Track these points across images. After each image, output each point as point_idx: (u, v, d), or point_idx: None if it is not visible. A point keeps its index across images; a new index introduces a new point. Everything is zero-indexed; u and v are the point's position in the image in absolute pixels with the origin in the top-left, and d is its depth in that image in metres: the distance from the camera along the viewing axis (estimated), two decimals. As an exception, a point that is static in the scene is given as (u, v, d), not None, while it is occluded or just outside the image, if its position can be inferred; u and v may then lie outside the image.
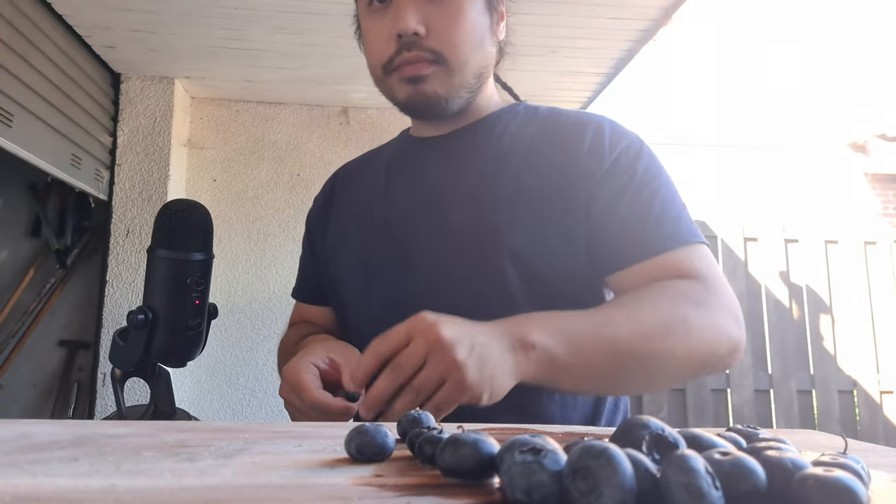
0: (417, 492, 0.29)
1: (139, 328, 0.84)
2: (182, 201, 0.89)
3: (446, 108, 0.82)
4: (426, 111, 0.84)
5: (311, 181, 3.02)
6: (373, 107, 3.07)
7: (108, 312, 2.61)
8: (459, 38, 0.79)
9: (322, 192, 1.04)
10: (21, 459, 0.32)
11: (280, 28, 2.30)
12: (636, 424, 0.30)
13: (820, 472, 0.25)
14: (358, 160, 1.03)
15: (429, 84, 0.80)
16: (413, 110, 0.85)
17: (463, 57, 0.79)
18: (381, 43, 0.81)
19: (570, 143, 0.81)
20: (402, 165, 0.91)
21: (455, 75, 0.80)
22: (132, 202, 2.69)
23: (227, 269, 2.91)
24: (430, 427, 0.37)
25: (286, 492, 0.28)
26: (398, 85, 0.82)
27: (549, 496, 0.25)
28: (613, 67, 2.61)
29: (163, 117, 2.75)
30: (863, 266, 3.62)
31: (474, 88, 0.84)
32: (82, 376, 2.86)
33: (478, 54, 0.81)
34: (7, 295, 2.85)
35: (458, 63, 0.79)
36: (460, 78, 0.80)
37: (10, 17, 1.97)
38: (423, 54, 0.78)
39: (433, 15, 0.78)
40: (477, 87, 0.84)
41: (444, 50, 0.78)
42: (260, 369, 2.90)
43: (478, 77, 0.83)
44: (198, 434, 0.41)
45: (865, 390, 3.50)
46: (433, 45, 0.78)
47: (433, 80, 0.80)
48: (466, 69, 0.80)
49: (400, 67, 0.80)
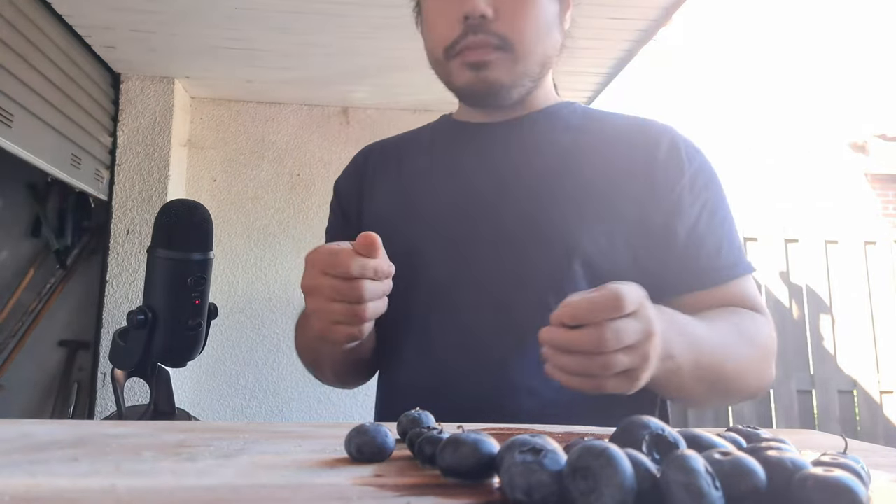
0: (417, 492, 0.29)
1: (139, 328, 0.84)
2: (182, 201, 0.89)
3: (507, 97, 0.80)
4: (485, 98, 0.81)
5: (311, 181, 3.02)
6: (373, 107, 3.07)
7: (108, 312, 2.61)
8: (527, 23, 0.76)
9: (354, 167, 0.97)
10: (21, 459, 0.32)
11: (280, 28, 2.30)
12: (636, 424, 0.30)
13: (820, 472, 0.25)
14: (392, 141, 0.97)
15: (492, 71, 0.77)
16: (471, 97, 0.82)
17: (529, 44, 0.77)
18: (446, 24, 0.77)
19: (641, 148, 0.78)
20: (451, 152, 0.86)
21: (520, 63, 0.77)
22: (132, 202, 2.69)
23: (227, 269, 2.91)
24: (430, 427, 0.37)
25: (286, 492, 0.28)
26: (459, 70, 0.79)
27: (549, 496, 0.25)
28: (613, 67, 2.61)
29: (163, 117, 2.75)
30: (863, 266, 3.62)
31: (537, 78, 0.81)
32: (82, 376, 2.86)
33: (544, 42, 0.79)
34: (7, 295, 2.85)
35: (523, 50, 0.76)
36: (525, 66, 0.78)
37: (10, 17, 1.97)
38: (490, 39, 0.75)
39: None
40: (540, 77, 0.81)
41: (511, 35, 0.75)
42: (260, 369, 2.90)
43: (542, 66, 0.80)
44: (198, 434, 0.41)
45: (865, 390, 3.50)
46: (500, 30, 0.75)
47: (497, 67, 0.77)
48: (531, 57, 0.78)
49: (463, 52, 0.77)
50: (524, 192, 0.77)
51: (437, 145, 0.88)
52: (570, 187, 0.76)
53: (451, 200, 0.80)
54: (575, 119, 0.83)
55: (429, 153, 0.88)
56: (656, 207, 0.75)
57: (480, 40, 0.75)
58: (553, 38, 0.80)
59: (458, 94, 0.83)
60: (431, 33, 0.82)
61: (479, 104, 0.84)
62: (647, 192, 0.76)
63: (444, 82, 0.84)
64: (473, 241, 0.77)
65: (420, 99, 2.96)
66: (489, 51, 0.76)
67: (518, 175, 0.79)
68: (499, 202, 0.77)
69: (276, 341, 2.92)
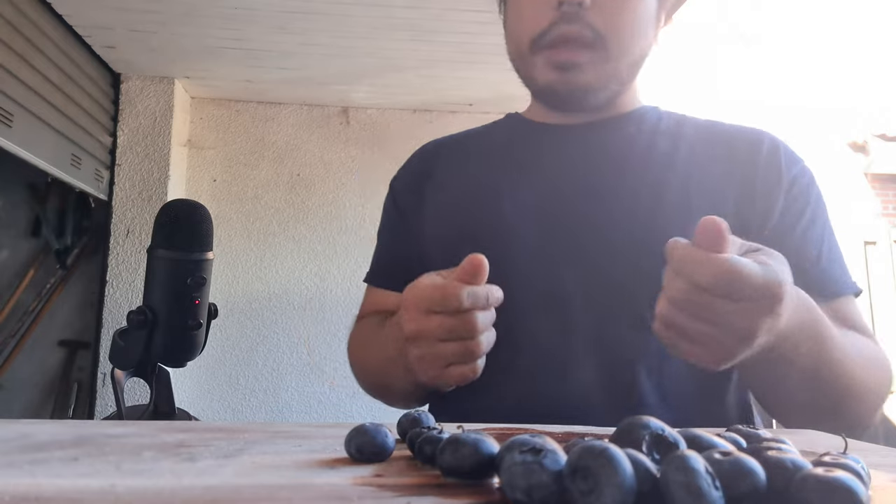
0: (417, 492, 0.29)
1: (139, 328, 0.84)
2: (182, 201, 0.88)
3: (591, 101, 0.73)
4: (566, 101, 0.74)
5: (311, 181, 3.02)
6: (373, 107, 3.07)
7: (108, 312, 2.61)
8: (624, 18, 0.70)
9: (412, 165, 0.89)
10: (21, 459, 0.32)
11: (280, 28, 2.30)
12: (636, 424, 0.30)
13: (820, 472, 0.25)
14: (456, 138, 0.89)
15: (582, 74, 0.70)
16: (552, 97, 0.75)
17: (624, 42, 0.70)
18: (537, 11, 0.70)
19: (742, 154, 0.73)
20: (530, 153, 0.79)
21: (611, 63, 0.70)
22: (132, 202, 2.69)
23: (227, 269, 2.91)
24: (430, 427, 0.37)
25: (286, 492, 0.28)
26: (544, 68, 0.72)
27: (549, 496, 0.25)
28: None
29: (163, 117, 2.75)
30: (863, 266, 3.62)
31: (625, 81, 0.74)
32: (82, 376, 2.86)
33: (639, 41, 0.72)
34: (7, 295, 2.85)
35: (617, 49, 0.70)
36: (615, 67, 0.71)
37: (10, 17, 1.97)
38: (584, 31, 0.68)
39: None
40: (628, 80, 0.75)
41: (606, 30, 0.69)
42: (260, 369, 2.90)
43: (632, 68, 0.74)
44: (198, 434, 0.41)
45: (865, 390, 3.50)
46: (596, 22, 0.68)
47: (587, 71, 0.70)
48: (624, 58, 0.71)
49: (553, 46, 0.70)
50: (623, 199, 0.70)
51: (515, 144, 0.81)
52: (673, 197, 0.69)
53: (536, 204, 0.73)
54: (664, 124, 0.77)
55: (506, 151, 0.80)
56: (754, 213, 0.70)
57: (574, 31, 0.68)
58: (648, 38, 0.74)
59: (538, 93, 0.77)
60: (519, 21, 0.74)
61: (558, 106, 0.77)
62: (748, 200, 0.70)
63: (524, 78, 0.77)
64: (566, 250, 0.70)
65: (420, 99, 2.97)
66: (580, 51, 0.69)
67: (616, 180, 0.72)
68: (595, 208, 0.70)
69: (276, 341, 2.92)
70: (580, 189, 0.72)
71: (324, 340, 2.94)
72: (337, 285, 2.97)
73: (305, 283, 2.96)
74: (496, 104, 3.00)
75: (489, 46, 2.36)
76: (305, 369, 2.92)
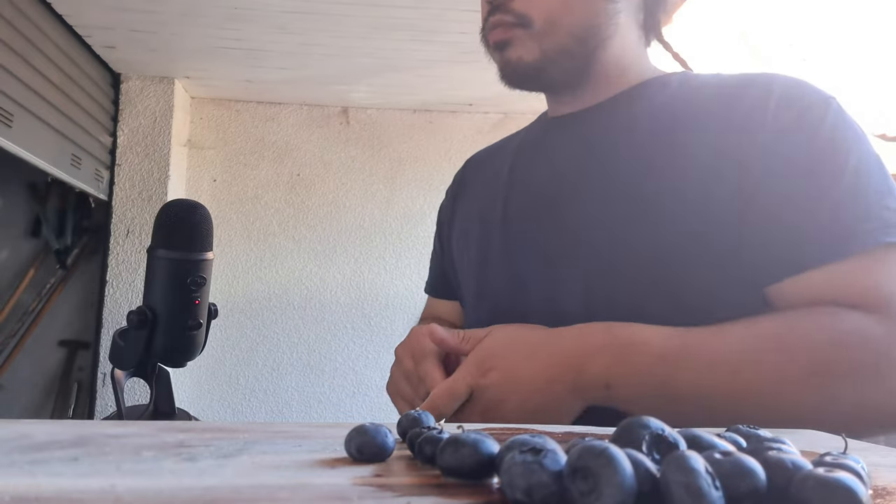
0: (417, 492, 0.29)
1: (139, 328, 0.84)
2: (182, 201, 0.88)
3: (543, 77, 0.72)
4: (521, 81, 0.74)
5: (311, 181, 3.02)
6: (373, 107, 3.07)
7: (108, 312, 2.61)
8: None
9: (452, 183, 0.94)
10: (21, 459, 0.32)
11: (280, 28, 2.30)
12: (636, 424, 0.30)
13: (820, 472, 0.25)
14: (488, 149, 0.91)
15: (513, 50, 0.71)
16: (508, 81, 0.75)
17: (550, 16, 0.69)
18: (481, 10, 0.75)
19: (722, 112, 0.63)
20: (531, 150, 0.79)
21: (544, 39, 0.70)
22: (132, 202, 2.69)
23: (227, 269, 2.91)
24: (431, 427, 0.37)
25: (286, 492, 0.28)
26: (492, 54, 0.75)
27: (549, 496, 0.25)
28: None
29: (163, 117, 2.75)
30: (863, 266, 3.61)
31: (579, 53, 0.71)
32: (82, 376, 2.86)
33: (574, 13, 0.70)
34: (7, 295, 2.85)
35: (544, 24, 0.69)
36: (552, 41, 0.70)
37: (10, 17, 1.97)
38: (506, 17, 0.70)
39: None
40: (585, 52, 0.71)
41: (528, 11, 0.69)
42: (260, 369, 2.90)
43: (581, 40, 0.71)
44: (198, 434, 0.41)
45: (865, 390, 3.50)
46: (517, 7, 0.70)
47: (517, 46, 0.71)
48: (558, 31, 0.70)
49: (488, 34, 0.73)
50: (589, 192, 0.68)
51: (523, 144, 0.82)
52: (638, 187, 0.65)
53: (521, 202, 0.74)
54: (661, 97, 0.70)
55: (513, 154, 0.81)
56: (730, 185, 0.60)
57: (498, 19, 0.71)
58: (590, 7, 0.71)
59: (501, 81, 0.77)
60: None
61: (524, 87, 0.76)
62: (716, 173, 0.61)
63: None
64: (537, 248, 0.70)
65: (420, 99, 2.97)
66: (507, 29, 0.71)
67: (585, 173, 0.70)
68: (564, 204, 0.70)
69: (276, 341, 2.92)
70: (558, 182, 0.72)
71: (324, 340, 2.94)
72: (337, 285, 2.97)
73: (305, 283, 2.96)
74: (496, 104, 3.00)
75: (489, 46, 2.36)
76: (305, 369, 2.92)
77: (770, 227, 0.57)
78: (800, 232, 0.56)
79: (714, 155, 0.61)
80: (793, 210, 0.57)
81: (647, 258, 0.62)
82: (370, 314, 2.97)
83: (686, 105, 0.67)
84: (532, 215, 0.72)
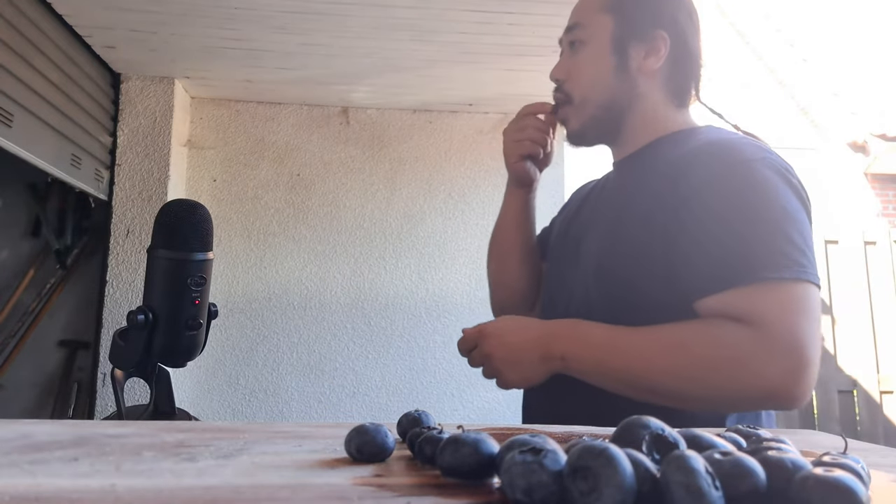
0: (417, 492, 0.29)
1: (139, 328, 0.84)
2: (182, 201, 0.88)
3: (586, 137, 1.00)
4: (575, 141, 1.01)
5: (311, 181, 3.02)
6: (373, 107, 3.07)
7: (108, 312, 2.61)
8: (578, 80, 0.98)
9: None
10: (21, 459, 0.32)
11: (280, 28, 2.30)
12: (636, 424, 0.30)
13: (820, 472, 0.25)
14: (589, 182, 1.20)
15: (566, 122, 1.01)
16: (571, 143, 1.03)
17: (582, 94, 0.97)
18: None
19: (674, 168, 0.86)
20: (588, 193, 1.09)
21: (580, 110, 0.98)
22: (132, 202, 2.69)
23: (227, 269, 2.91)
24: (430, 427, 0.37)
25: (286, 492, 0.28)
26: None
27: (549, 496, 0.25)
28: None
29: (163, 117, 2.75)
30: (863, 266, 3.62)
31: (605, 118, 0.97)
32: (82, 376, 2.86)
33: (597, 90, 0.96)
34: (7, 295, 2.85)
35: (579, 100, 0.97)
36: (585, 111, 0.97)
37: (10, 17, 1.97)
38: (560, 95, 1.00)
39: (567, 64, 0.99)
40: (608, 117, 0.97)
41: (571, 91, 0.98)
42: (260, 369, 2.90)
43: (605, 108, 0.96)
44: (198, 434, 0.41)
45: (865, 390, 3.50)
46: (566, 88, 0.99)
47: (567, 118, 1.00)
48: (588, 104, 0.97)
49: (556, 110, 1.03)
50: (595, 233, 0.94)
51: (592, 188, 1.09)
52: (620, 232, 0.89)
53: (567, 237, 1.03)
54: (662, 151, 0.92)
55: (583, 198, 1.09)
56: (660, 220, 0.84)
57: (557, 97, 1.01)
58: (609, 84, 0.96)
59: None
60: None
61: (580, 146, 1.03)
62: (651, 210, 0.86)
63: None
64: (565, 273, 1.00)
65: (420, 99, 2.97)
66: (563, 106, 1.00)
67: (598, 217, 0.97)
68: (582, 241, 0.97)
69: (276, 341, 2.92)
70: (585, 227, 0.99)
71: (324, 340, 2.94)
72: (337, 285, 2.97)
73: (305, 283, 2.96)
74: (496, 104, 3.00)
75: (489, 46, 2.36)
76: (305, 369, 2.92)
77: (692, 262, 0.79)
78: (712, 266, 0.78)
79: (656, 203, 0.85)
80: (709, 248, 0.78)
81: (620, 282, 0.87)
82: (370, 314, 2.97)
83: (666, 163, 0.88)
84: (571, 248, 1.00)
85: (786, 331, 0.72)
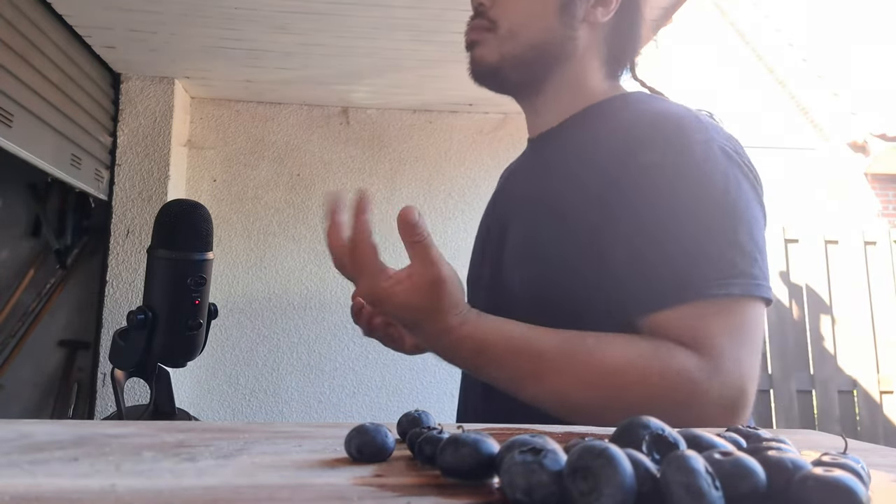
0: (417, 492, 0.29)
1: (139, 328, 0.84)
2: (182, 201, 0.88)
3: (497, 77, 0.82)
4: (480, 78, 0.83)
5: (311, 181, 3.02)
6: (373, 107, 3.07)
7: (108, 312, 2.61)
8: (515, 8, 0.80)
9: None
10: (21, 459, 0.32)
11: (280, 28, 2.30)
12: (636, 424, 0.30)
13: (820, 472, 0.25)
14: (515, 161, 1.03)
15: (478, 49, 0.81)
16: (473, 77, 0.84)
17: (513, 25, 0.79)
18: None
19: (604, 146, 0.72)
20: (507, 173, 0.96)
21: (505, 43, 0.80)
22: (132, 202, 2.69)
23: (227, 269, 2.91)
24: (430, 427, 0.37)
25: (286, 492, 0.28)
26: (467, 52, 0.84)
27: (549, 496, 0.25)
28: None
29: (163, 117, 2.75)
30: (863, 266, 3.62)
31: (530, 61, 0.80)
32: (82, 376, 2.86)
33: (534, 26, 0.80)
34: (7, 295, 2.85)
35: (506, 30, 0.80)
36: (511, 46, 0.80)
37: (10, 17, 1.97)
38: (482, 22, 0.81)
39: None
40: (535, 63, 0.81)
41: (497, 18, 0.80)
42: (260, 369, 2.90)
43: (535, 50, 0.80)
44: (198, 434, 0.41)
45: (865, 390, 3.50)
46: (492, 14, 0.81)
47: (482, 46, 0.81)
48: (518, 38, 0.80)
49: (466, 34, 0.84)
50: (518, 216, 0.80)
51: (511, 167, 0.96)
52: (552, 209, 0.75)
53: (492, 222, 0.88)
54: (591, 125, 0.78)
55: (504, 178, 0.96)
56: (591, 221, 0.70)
57: (476, 23, 0.82)
58: (549, 25, 0.80)
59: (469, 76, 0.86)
60: None
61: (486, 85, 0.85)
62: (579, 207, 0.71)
63: None
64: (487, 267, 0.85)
65: (420, 99, 2.97)
66: (479, 31, 0.82)
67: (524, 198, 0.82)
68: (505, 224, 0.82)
69: (276, 341, 2.92)
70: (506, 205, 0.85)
71: (324, 340, 2.94)
72: (337, 285, 2.96)
73: (305, 283, 2.96)
74: (496, 104, 3.00)
75: (489, 46, 2.36)
76: (305, 369, 2.92)
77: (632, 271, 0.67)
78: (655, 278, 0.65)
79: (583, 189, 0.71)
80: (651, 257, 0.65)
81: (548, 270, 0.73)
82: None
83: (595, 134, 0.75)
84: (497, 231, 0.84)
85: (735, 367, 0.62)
